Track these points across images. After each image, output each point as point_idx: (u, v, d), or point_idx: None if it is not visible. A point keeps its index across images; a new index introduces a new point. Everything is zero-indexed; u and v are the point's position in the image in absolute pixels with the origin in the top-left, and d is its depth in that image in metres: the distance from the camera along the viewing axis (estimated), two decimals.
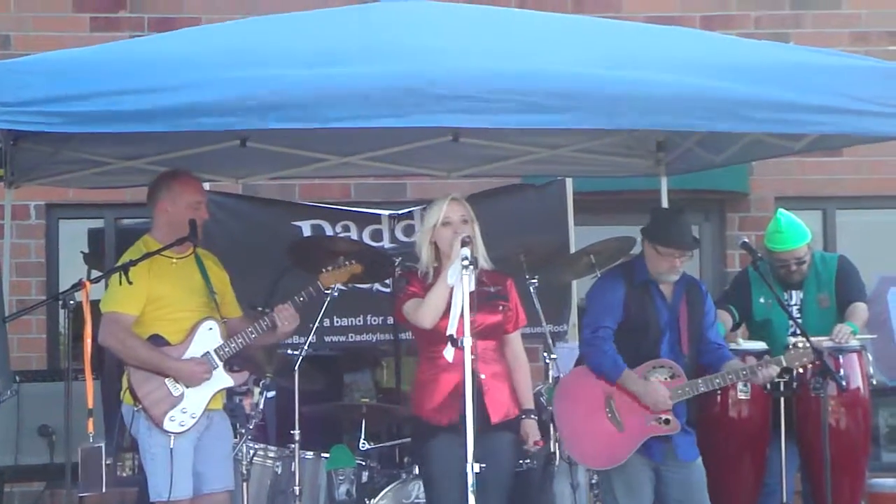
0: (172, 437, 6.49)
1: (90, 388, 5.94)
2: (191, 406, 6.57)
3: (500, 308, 6.49)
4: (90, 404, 5.97)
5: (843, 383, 7.08)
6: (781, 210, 7.91)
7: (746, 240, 7.18)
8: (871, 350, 7.67)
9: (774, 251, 7.73)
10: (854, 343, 7.43)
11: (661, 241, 6.70)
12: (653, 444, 6.64)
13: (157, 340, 6.57)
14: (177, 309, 6.64)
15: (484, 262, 6.38)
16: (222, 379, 6.69)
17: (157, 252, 6.59)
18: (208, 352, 6.64)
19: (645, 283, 6.76)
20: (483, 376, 6.31)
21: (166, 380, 6.54)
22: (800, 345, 6.75)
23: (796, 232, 7.74)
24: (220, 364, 6.66)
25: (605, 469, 6.72)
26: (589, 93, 5.59)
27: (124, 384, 6.60)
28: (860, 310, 7.65)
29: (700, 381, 6.68)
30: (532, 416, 6.56)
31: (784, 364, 6.73)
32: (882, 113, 5.94)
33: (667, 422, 6.64)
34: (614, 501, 6.71)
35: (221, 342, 6.67)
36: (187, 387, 6.57)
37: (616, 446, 6.63)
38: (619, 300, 6.71)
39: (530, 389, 6.68)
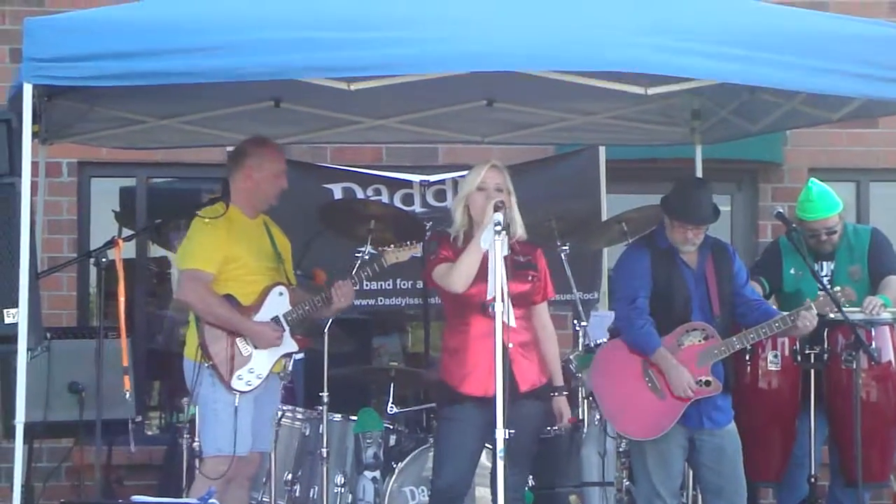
0: (238, 396, 6.58)
1: (125, 346, 6.01)
2: (258, 367, 6.68)
3: (529, 278, 6.45)
4: (125, 362, 6.04)
5: (876, 356, 7.06)
6: (813, 179, 7.85)
7: (781, 210, 7.14)
8: None
9: (805, 220, 7.68)
10: (886, 316, 7.38)
11: (673, 214, 6.69)
12: (688, 409, 6.62)
13: (229, 300, 6.67)
14: (250, 272, 6.76)
15: (520, 231, 6.36)
16: (289, 344, 6.80)
17: (191, 214, 6.74)
18: (277, 316, 6.75)
19: (667, 250, 6.74)
20: (511, 346, 6.25)
21: (237, 339, 6.64)
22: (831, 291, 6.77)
23: (827, 201, 7.69)
24: (288, 329, 6.74)
25: (643, 439, 6.70)
26: None
27: (191, 340, 6.70)
28: (893, 283, 7.60)
29: (735, 338, 6.67)
30: (563, 393, 6.57)
31: (814, 309, 6.70)
32: None
33: (707, 383, 6.62)
34: (645, 471, 6.70)
35: (290, 308, 6.78)
36: (256, 348, 6.66)
37: (660, 415, 6.61)
38: (646, 269, 6.71)
39: (559, 362, 6.66)
